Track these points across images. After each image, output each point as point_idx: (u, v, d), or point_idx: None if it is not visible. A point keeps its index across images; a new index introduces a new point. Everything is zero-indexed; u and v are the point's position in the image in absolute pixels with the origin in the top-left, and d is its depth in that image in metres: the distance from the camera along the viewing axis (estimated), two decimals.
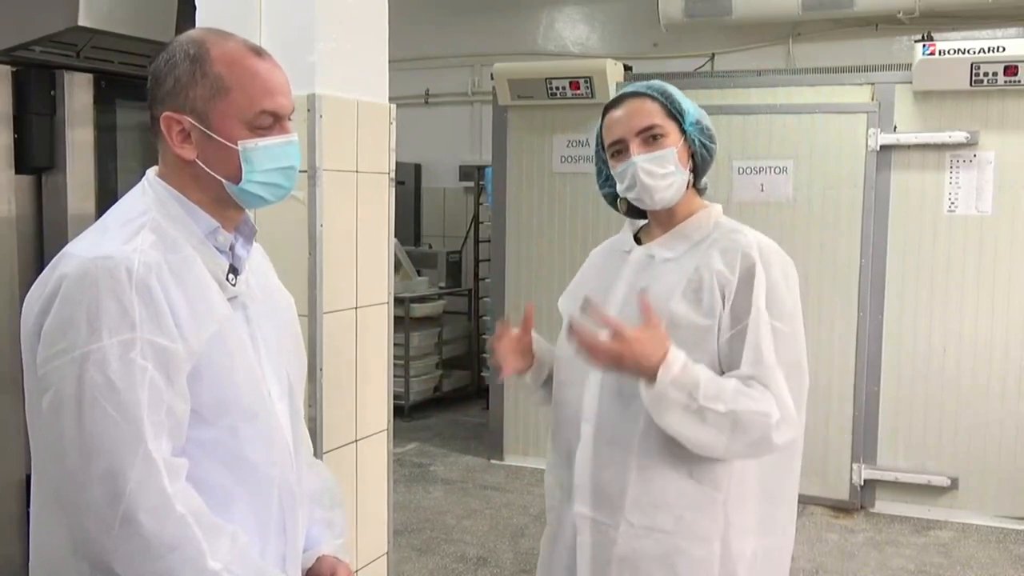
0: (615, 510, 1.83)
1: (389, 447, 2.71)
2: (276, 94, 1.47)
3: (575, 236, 5.54)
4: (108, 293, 1.32)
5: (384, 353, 2.67)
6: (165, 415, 1.34)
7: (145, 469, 1.31)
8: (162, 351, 1.34)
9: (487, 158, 6.46)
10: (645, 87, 1.91)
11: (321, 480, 1.73)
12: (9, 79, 2.84)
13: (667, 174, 1.85)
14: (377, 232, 2.61)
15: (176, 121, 1.44)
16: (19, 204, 2.89)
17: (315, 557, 1.64)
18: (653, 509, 1.81)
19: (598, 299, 1.90)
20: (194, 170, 1.46)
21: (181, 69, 1.44)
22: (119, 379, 1.31)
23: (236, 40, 1.49)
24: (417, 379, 6.89)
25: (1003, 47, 4.60)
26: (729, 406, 1.71)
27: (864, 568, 4.34)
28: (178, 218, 1.46)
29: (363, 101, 2.53)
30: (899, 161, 4.91)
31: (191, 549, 1.33)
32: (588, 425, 1.88)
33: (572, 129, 5.55)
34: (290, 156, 1.51)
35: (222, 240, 1.50)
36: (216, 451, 1.42)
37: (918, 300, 4.93)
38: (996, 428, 4.85)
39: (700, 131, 1.90)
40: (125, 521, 1.29)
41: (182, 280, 1.40)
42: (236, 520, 1.43)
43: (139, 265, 1.35)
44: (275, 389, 1.54)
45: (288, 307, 1.70)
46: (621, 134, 1.88)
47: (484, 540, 4.60)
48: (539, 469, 5.63)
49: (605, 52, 6.74)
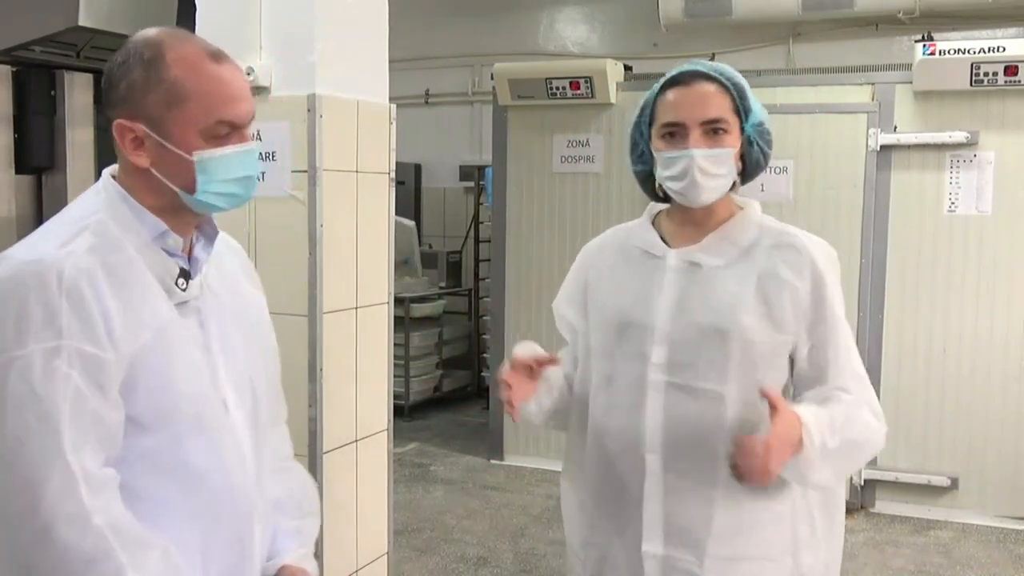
0: (696, 545, 1.70)
1: (389, 447, 2.71)
2: (235, 102, 1.40)
3: (575, 236, 5.53)
4: (36, 299, 1.29)
5: (384, 353, 2.67)
6: (92, 424, 1.30)
7: (63, 481, 1.27)
8: (90, 359, 1.30)
9: (487, 158, 6.46)
10: (717, 71, 1.73)
11: (292, 487, 1.68)
12: (9, 79, 2.84)
13: (720, 175, 1.71)
14: (377, 232, 2.61)
15: (129, 129, 1.39)
16: (19, 204, 2.89)
17: (277, 567, 1.59)
18: (735, 538, 1.71)
19: (639, 312, 1.77)
20: (148, 177, 1.41)
21: (135, 74, 1.38)
22: (41, 388, 1.27)
23: (194, 42, 1.42)
24: (417, 379, 6.89)
25: (1003, 47, 4.59)
26: (848, 436, 1.67)
27: (864, 568, 4.33)
28: (125, 220, 1.41)
29: (363, 101, 2.53)
30: (899, 161, 4.91)
31: (109, 564, 1.29)
32: (655, 457, 1.72)
33: (572, 129, 5.55)
34: (247, 166, 1.44)
35: (172, 243, 1.44)
36: (158, 461, 1.38)
37: (918, 300, 4.93)
38: (996, 428, 4.85)
39: (761, 135, 1.75)
40: (43, 533, 1.26)
41: (121, 283, 1.35)
42: (179, 531, 1.39)
43: (70, 269, 1.31)
44: (232, 397, 1.48)
45: (259, 310, 1.64)
46: (683, 118, 1.70)
47: (484, 540, 4.60)
48: (539, 469, 5.65)
49: (605, 52, 6.74)
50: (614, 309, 1.82)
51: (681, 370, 1.72)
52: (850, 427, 1.68)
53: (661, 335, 1.74)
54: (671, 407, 1.71)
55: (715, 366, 1.70)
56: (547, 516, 4.87)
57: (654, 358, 1.73)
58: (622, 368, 1.78)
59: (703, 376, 1.70)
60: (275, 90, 2.43)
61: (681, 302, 1.75)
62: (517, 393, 1.77)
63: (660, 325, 1.74)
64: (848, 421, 1.68)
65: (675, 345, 1.72)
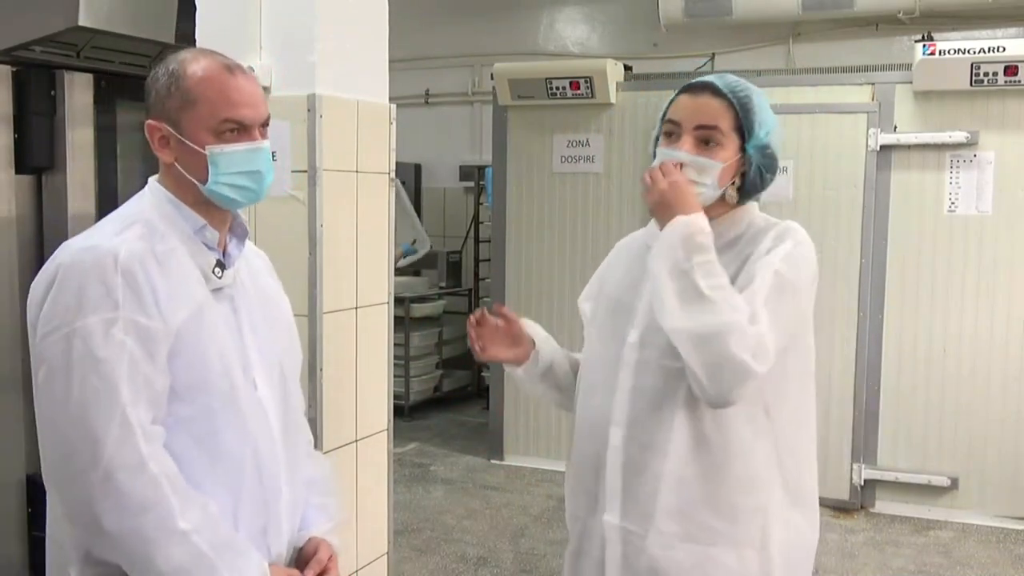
0: (645, 518, 1.75)
1: (389, 447, 2.71)
2: (239, 105, 1.61)
3: (575, 236, 5.54)
4: (95, 277, 1.48)
5: (384, 353, 2.67)
6: (144, 385, 1.48)
7: (122, 431, 1.44)
8: (143, 329, 1.49)
9: (487, 158, 6.46)
10: (728, 88, 1.77)
11: (320, 470, 1.85)
12: (9, 79, 2.84)
13: (699, 184, 1.74)
14: (377, 232, 2.61)
15: (156, 128, 1.62)
16: (19, 204, 2.89)
17: (306, 538, 1.74)
18: (685, 518, 1.73)
19: (628, 296, 1.84)
20: (175, 172, 1.63)
21: (161, 83, 1.62)
22: (101, 352, 1.46)
23: (214, 58, 1.64)
24: (417, 379, 6.89)
25: (1003, 47, 4.60)
26: (714, 293, 1.62)
27: (864, 568, 4.34)
28: (168, 216, 1.62)
29: (363, 101, 2.53)
30: (899, 161, 4.91)
31: (162, 509, 1.45)
32: (619, 430, 1.79)
33: (572, 129, 5.55)
34: (255, 161, 1.64)
35: (210, 236, 1.65)
36: (191, 428, 1.54)
37: (918, 300, 4.93)
38: (996, 428, 4.85)
39: (763, 156, 1.78)
40: (105, 478, 1.43)
41: (165, 267, 1.55)
42: (208, 493, 1.53)
43: (124, 253, 1.51)
44: (262, 376, 1.66)
45: (286, 310, 1.84)
46: (680, 119, 1.76)
47: (484, 540, 4.60)
48: (539, 469, 5.65)
49: (605, 52, 6.74)
50: (609, 295, 1.91)
51: (650, 348, 1.77)
52: (721, 293, 1.63)
53: (640, 316, 1.81)
54: (637, 384, 1.78)
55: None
56: (547, 516, 4.87)
57: (630, 338, 1.80)
58: (606, 350, 1.86)
59: (667, 353, 1.73)
60: (275, 90, 2.43)
61: None
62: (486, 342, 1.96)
63: (640, 307, 1.81)
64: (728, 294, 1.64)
65: (648, 325, 1.78)
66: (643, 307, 1.80)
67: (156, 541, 1.44)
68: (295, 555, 1.72)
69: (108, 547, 1.47)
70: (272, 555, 1.63)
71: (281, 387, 1.71)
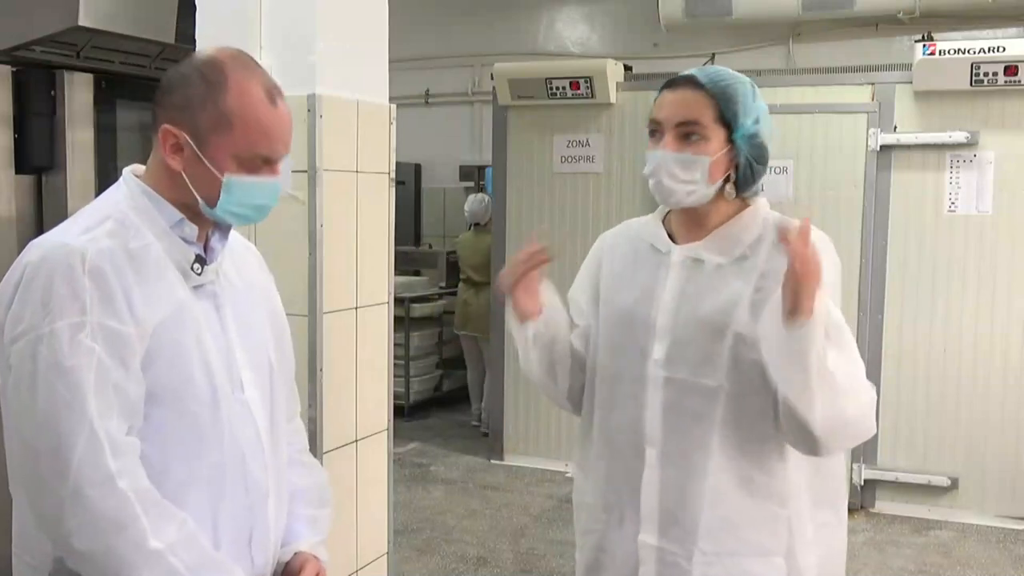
0: (686, 539, 1.72)
1: (389, 447, 2.70)
2: (275, 142, 1.53)
3: (575, 236, 5.53)
4: (61, 279, 1.39)
5: (384, 353, 2.67)
6: (114, 394, 1.40)
7: (89, 446, 1.36)
8: (112, 334, 1.40)
9: (487, 158, 6.46)
10: (707, 78, 1.72)
11: (310, 479, 1.76)
12: (9, 79, 2.84)
13: (690, 181, 1.69)
14: (377, 232, 2.61)
15: (173, 134, 1.49)
16: (19, 204, 2.89)
17: (292, 552, 1.66)
18: (725, 534, 1.70)
19: (642, 307, 1.78)
20: (177, 178, 1.52)
21: (194, 89, 1.49)
22: (68, 360, 1.37)
23: (259, 79, 1.54)
24: (417, 379, 6.89)
25: (1003, 47, 4.60)
26: (847, 381, 1.58)
27: (864, 568, 4.34)
28: (144, 210, 1.52)
29: (363, 101, 2.53)
30: (899, 161, 4.91)
31: (133, 527, 1.38)
32: (653, 450, 1.74)
33: (572, 129, 5.56)
34: (268, 195, 1.57)
35: (188, 231, 1.54)
36: (171, 434, 1.47)
37: (918, 300, 4.93)
38: (996, 428, 4.85)
39: (752, 146, 1.72)
40: (75, 494, 1.36)
41: (140, 265, 1.46)
42: (189, 502, 1.47)
43: (93, 252, 1.42)
44: (248, 376, 1.58)
45: (276, 302, 1.75)
46: (662, 117, 1.72)
47: (484, 540, 4.60)
48: (539, 469, 5.65)
49: (605, 52, 6.74)
50: (620, 304, 1.83)
51: (679, 365, 1.73)
52: (848, 377, 1.59)
53: (662, 330, 1.75)
54: (669, 402, 1.73)
55: (711, 362, 1.70)
56: (547, 516, 4.87)
57: (655, 354, 1.75)
58: (625, 363, 1.79)
59: (700, 372, 1.70)
60: None
61: (682, 298, 1.75)
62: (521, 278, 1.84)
63: (661, 321, 1.75)
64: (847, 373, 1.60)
65: (675, 340, 1.73)
66: (664, 320, 1.75)
67: (129, 561, 1.37)
68: (281, 570, 1.64)
69: (79, 564, 1.41)
70: (256, 566, 1.57)
71: (269, 386, 1.63)
